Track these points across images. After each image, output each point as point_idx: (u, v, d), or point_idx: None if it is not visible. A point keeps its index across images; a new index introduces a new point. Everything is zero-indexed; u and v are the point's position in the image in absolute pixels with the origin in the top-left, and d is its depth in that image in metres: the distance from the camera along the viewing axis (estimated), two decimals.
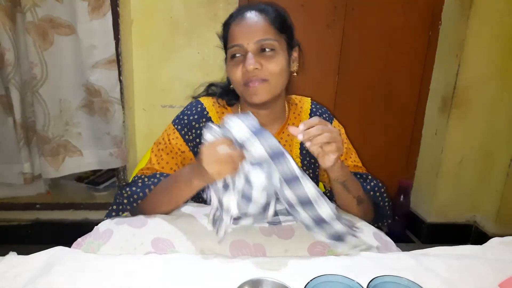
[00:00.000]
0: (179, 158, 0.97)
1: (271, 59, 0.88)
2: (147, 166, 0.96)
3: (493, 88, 1.99)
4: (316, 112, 1.04)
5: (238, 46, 0.87)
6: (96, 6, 1.69)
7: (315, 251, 0.81)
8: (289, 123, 1.01)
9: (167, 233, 0.81)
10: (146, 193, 0.89)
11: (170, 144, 0.96)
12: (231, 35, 0.90)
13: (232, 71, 0.90)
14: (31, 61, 1.72)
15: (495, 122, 2.03)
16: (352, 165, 1.02)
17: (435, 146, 2.15)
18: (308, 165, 1.01)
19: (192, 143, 0.96)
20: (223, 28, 0.95)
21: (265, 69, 0.87)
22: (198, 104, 0.99)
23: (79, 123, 1.88)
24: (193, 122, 0.97)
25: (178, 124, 0.97)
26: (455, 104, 2.02)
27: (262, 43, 0.87)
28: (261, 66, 0.86)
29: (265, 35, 0.87)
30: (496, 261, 0.74)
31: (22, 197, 2.00)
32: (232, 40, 0.89)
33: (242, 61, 0.88)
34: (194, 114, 0.98)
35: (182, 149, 0.97)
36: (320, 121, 0.76)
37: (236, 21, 0.90)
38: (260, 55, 0.87)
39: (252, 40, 0.86)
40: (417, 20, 2.09)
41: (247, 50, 0.87)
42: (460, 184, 2.14)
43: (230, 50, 0.89)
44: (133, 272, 0.67)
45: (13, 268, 0.67)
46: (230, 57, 0.90)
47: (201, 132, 0.96)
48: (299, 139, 0.74)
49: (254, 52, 0.87)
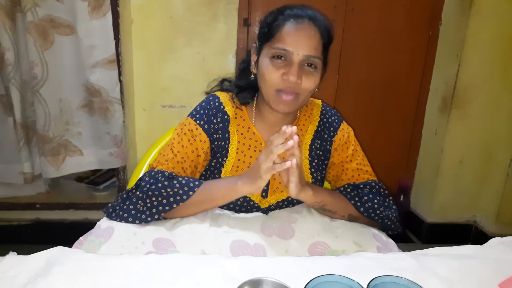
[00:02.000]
0: (203, 156, 0.95)
1: (311, 76, 0.87)
2: (172, 164, 0.91)
3: (493, 88, 1.99)
4: (325, 115, 1.03)
5: (286, 51, 0.85)
6: (96, 6, 1.69)
7: (316, 251, 0.81)
8: (299, 124, 1.01)
9: (168, 233, 0.82)
10: (190, 195, 0.84)
11: (194, 141, 0.93)
12: (282, 35, 0.86)
13: (269, 72, 0.87)
14: (31, 61, 1.72)
15: (495, 122, 2.03)
16: (356, 168, 1.00)
17: (435, 146, 2.15)
18: (316, 167, 1.00)
19: (212, 137, 0.95)
20: (272, 18, 0.90)
21: (302, 84, 0.86)
22: (215, 98, 0.98)
23: (79, 123, 1.88)
24: (212, 117, 0.95)
25: (198, 119, 0.95)
26: (455, 104, 2.02)
27: (310, 59, 0.86)
28: (300, 80, 0.86)
29: (315, 52, 0.86)
30: (496, 261, 0.74)
31: (22, 196, 2.00)
32: (282, 42, 0.85)
33: (284, 67, 0.86)
34: (212, 108, 0.96)
35: (206, 145, 0.95)
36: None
37: (292, 23, 0.86)
38: (302, 69, 0.86)
39: (303, 52, 0.84)
40: (417, 20, 2.09)
41: (294, 59, 0.85)
42: (460, 184, 2.14)
43: (276, 51, 0.86)
44: (133, 272, 0.67)
45: (13, 268, 0.67)
46: (272, 56, 0.87)
47: (218, 126, 0.95)
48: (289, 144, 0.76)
49: (300, 64, 0.85)
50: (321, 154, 1.01)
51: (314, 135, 1.01)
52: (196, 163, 0.95)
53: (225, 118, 0.97)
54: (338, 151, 1.01)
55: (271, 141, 0.76)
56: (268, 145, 0.77)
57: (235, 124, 0.97)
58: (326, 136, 1.01)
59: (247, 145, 0.96)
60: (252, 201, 0.95)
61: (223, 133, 0.96)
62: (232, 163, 0.95)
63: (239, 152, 0.96)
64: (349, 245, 0.82)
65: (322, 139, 1.01)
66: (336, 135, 1.01)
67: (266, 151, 0.77)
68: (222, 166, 0.95)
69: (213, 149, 0.96)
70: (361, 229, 0.87)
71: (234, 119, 0.98)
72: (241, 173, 0.87)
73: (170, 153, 0.92)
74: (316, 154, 1.00)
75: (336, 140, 1.01)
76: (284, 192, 0.97)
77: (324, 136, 1.01)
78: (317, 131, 1.02)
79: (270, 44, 0.88)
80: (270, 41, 0.88)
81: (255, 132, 0.98)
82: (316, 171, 1.00)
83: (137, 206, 0.84)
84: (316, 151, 1.00)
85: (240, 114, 0.99)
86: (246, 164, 0.95)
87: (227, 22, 1.86)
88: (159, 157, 0.94)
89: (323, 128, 1.02)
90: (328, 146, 1.01)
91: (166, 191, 0.83)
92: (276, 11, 0.90)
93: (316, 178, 1.00)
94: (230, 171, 0.95)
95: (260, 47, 0.92)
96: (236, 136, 0.96)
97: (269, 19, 0.90)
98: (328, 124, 1.02)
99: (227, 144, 0.96)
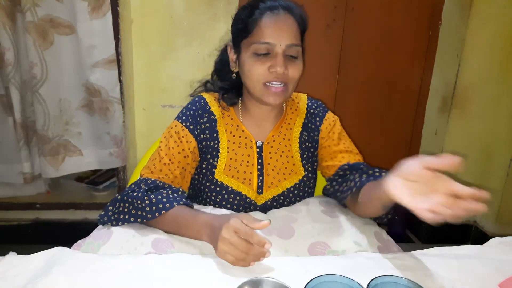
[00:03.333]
0: (191, 156, 0.94)
1: (295, 65, 0.88)
2: (159, 167, 0.91)
3: (493, 87, 1.99)
4: (311, 107, 1.05)
5: (268, 44, 0.85)
6: (96, 6, 1.69)
7: (315, 251, 0.81)
8: (286, 118, 1.02)
9: (167, 234, 0.82)
10: (168, 208, 0.82)
11: (181, 143, 0.93)
12: (261, 29, 0.86)
13: (254, 68, 0.87)
14: (31, 61, 1.72)
15: (495, 122, 2.03)
16: (345, 150, 1.00)
17: (435, 146, 2.14)
18: (307, 159, 1.01)
19: (199, 137, 0.95)
20: (247, 13, 0.89)
21: (289, 74, 0.87)
22: (200, 99, 0.99)
23: (79, 123, 1.87)
24: (198, 117, 0.96)
25: (184, 120, 0.95)
26: (455, 103, 2.01)
27: (292, 47, 0.87)
28: (287, 70, 0.87)
29: (296, 40, 0.87)
30: (496, 261, 0.74)
31: (22, 196, 2.00)
32: (262, 36, 0.85)
33: (269, 60, 0.86)
34: (198, 109, 0.97)
35: (193, 145, 0.94)
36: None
37: (269, 16, 0.86)
38: (286, 58, 0.87)
39: (285, 42, 0.85)
40: (417, 20, 2.09)
41: (277, 51, 0.86)
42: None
43: (258, 46, 0.86)
44: (133, 272, 0.67)
45: (13, 268, 0.67)
46: (254, 53, 0.87)
47: (205, 126, 0.96)
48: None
49: (282, 54, 0.86)
50: (310, 146, 1.02)
51: (302, 127, 1.02)
52: (184, 165, 0.93)
53: (212, 118, 0.97)
54: (325, 139, 1.02)
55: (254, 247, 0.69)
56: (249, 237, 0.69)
57: (223, 124, 0.97)
58: (313, 127, 1.03)
59: (237, 143, 0.97)
60: (249, 198, 0.95)
61: (211, 133, 0.96)
62: (224, 163, 0.95)
63: (230, 151, 0.96)
64: (349, 245, 0.82)
65: (310, 130, 1.03)
66: (323, 124, 1.02)
67: (242, 246, 0.68)
68: (214, 167, 0.95)
69: (202, 150, 0.96)
70: (362, 229, 0.87)
71: (222, 119, 0.98)
72: (213, 222, 0.76)
73: (157, 156, 0.93)
74: (306, 147, 1.02)
75: (322, 129, 1.02)
76: (278, 186, 0.97)
77: (312, 127, 1.03)
78: (305, 123, 1.03)
79: (250, 40, 0.88)
80: (248, 37, 0.88)
81: (244, 129, 0.98)
82: (308, 163, 1.01)
83: (110, 208, 0.87)
84: (305, 143, 1.02)
85: (228, 113, 0.99)
86: (239, 162, 0.95)
87: (227, 22, 1.85)
88: (148, 162, 0.94)
89: (310, 119, 1.03)
90: (316, 137, 1.02)
91: (137, 203, 0.83)
92: (249, 6, 0.90)
93: (308, 170, 1.01)
94: (223, 171, 0.95)
95: (238, 44, 0.92)
96: (226, 135, 0.96)
97: (243, 14, 0.90)
98: (314, 115, 1.04)
99: (217, 144, 0.96)
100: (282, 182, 0.97)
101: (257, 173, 0.96)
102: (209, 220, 0.77)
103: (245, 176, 0.95)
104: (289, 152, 1.00)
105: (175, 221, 0.81)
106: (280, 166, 0.98)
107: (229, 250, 0.68)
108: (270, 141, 0.99)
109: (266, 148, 0.98)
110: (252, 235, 0.69)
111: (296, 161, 0.99)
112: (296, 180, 0.99)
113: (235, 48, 0.94)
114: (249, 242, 0.68)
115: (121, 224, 0.84)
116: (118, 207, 0.86)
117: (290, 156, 0.99)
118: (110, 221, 0.85)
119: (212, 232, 0.74)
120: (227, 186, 0.94)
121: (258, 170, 0.96)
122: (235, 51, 0.94)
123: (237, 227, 0.69)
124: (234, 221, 0.70)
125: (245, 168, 0.96)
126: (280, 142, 0.99)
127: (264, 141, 0.98)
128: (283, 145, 1.00)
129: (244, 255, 0.68)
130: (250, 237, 0.68)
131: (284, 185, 0.97)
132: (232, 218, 0.71)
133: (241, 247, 0.68)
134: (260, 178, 0.96)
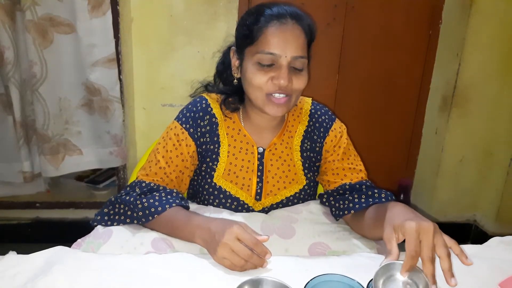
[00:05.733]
0: (189, 160, 0.92)
1: (300, 77, 0.85)
2: (155, 170, 0.90)
3: (494, 87, 1.99)
4: (315, 114, 1.00)
5: (273, 55, 0.81)
6: (96, 5, 1.68)
7: (316, 251, 0.81)
8: (288, 125, 0.98)
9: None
10: (160, 211, 0.81)
11: (180, 146, 0.91)
12: (267, 38, 0.82)
13: (257, 77, 0.83)
14: (30, 60, 1.71)
15: (495, 121, 2.03)
16: (348, 167, 0.96)
17: (435, 145, 2.14)
18: (309, 167, 0.98)
19: (198, 141, 0.93)
20: (253, 19, 0.85)
21: (293, 86, 0.84)
22: (202, 100, 0.95)
23: (79, 122, 1.87)
24: (199, 120, 0.93)
25: (184, 122, 0.92)
26: (456, 103, 2.01)
27: (298, 59, 0.83)
28: (291, 83, 0.83)
29: (302, 52, 0.83)
30: (496, 260, 0.74)
31: (22, 195, 1.99)
32: (267, 45, 0.81)
33: (272, 71, 0.83)
34: (199, 111, 0.93)
35: (192, 149, 0.92)
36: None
37: (275, 25, 0.82)
38: (291, 70, 0.84)
39: (290, 54, 0.82)
40: (417, 19, 2.08)
41: (282, 63, 0.82)
42: (460, 183, 2.14)
43: (262, 56, 0.82)
44: (133, 272, 0.67)
45: (13, 267, 0.67)
46: (257, 62, 0.83)
47: (205, 129, 0.93)
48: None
49: (287, 66, 0.82)
50: (312, 156, 0.98)
51: (304, 136, 0.98)
52: (182, 168, 0.91)
53: (213, 121, 0.94)
54: (330, 152, 0.97)
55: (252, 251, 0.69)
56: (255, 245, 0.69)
57: (225, 127, 0.94)
58: (316, 137, 0.98)
59: (238, 148, 0.94)
60: (246, 204, 0.94)
61: (212, 136, 0.93)
62: (224, 167, 0.93)
63: (230, 156, 0.93)
64: (349, 246, 0.82)
65: (312, 141, 0.98)
66: (328, 136, 0.97)
67: (243, 253, 0.68)
68: (213, 171, 0.93)
69: (201, 153, 0.94)
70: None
71: (224, 122, 0.95)
72: (209, 225, 0.75)
73: (154, 158, 0.91)
74: (307, 156, 0.98)
75: (327, 142, 0.97)
76: (277, 195, 0.95)
77: (314, 138, 0.98)
78: (307, 131, 0.98)
79: (254, 48, 0.84)
80: (253, 44, 0.84)
81: (246, 134, 0.95)
82: (309, 172, 0.98)
83: (105, 210, 0.87)
84: (307, 152, 0.98)
85: (230, 116, 0.96)
86: (238, 167, 0.93)
87: (227, 21, 1.85)
88: (145, 163, 0.93)
89: (313, 128, 0.99)
90: (318, 148, 0.98)
91: (129, 207, 0.83)
92: (255, 12, 0.86)
93: (310, 179, 0.98)
94: (222, 175, 0.93)
95: (241, 50, 0.88)
96: (227, 139, 0.94)
97: (248, 20, 0.86)
98: (318, 125, 0.99)
99: (217, 148, 0.93)
100: (282, 190, 0.95)
101: (256, 179, 0.94)
102: (203, 223, 0.77)
103: (244, 181, 0.93)
104: (291, 161, 0.96)
105: (169, 223, 0.81)
106: (280, 174, 0.95)
107: (229, 256, 0.68)
108: (272, 149, 0.95)
109: (268, 155, 0.95)
110: (257, 244, 0.69)
111: (298, 170, 0.96)
112: (297, 189, 0.96)
113: (238, 54, 0.90)
114: (251, 250, 0.68)
115: (117, 224, 0.85)
116: (113, 209, 0.86)
117: (292, 165, 0.96)
118: (104, 222, 0.85)
119: (208, 235, 0.73)
120: (225, 191, 0.92)
121: (258, 177, 0.94)
122: (238, 56, 0.90)
123: (241, 235, 0.69)
124: (238, 228, 0.70)
125: (245, 173, 0.93)
126: (282, 150, 0.96)
127: (267, 148, 0.95)
128: (285, 154, 0.96)
129: (244, 262, 0.68)
130: (255, 246, 0.69)
131: (283, 194, 0.95)
132: (234, 225, 0.71)
133: (243, 255, 0.68)
134: (260, 185, 0.94)
